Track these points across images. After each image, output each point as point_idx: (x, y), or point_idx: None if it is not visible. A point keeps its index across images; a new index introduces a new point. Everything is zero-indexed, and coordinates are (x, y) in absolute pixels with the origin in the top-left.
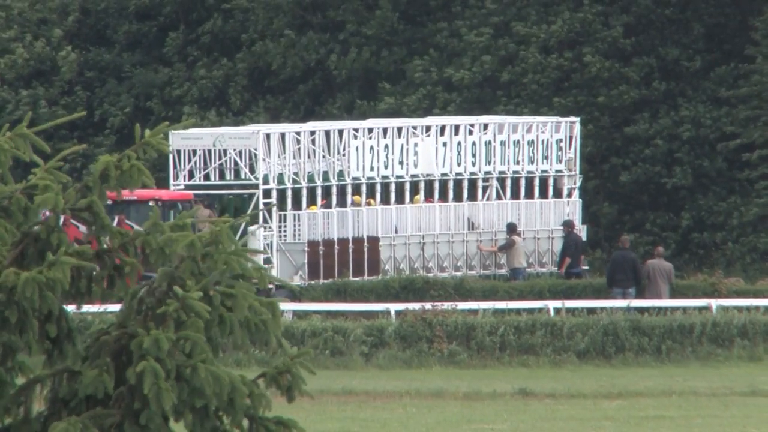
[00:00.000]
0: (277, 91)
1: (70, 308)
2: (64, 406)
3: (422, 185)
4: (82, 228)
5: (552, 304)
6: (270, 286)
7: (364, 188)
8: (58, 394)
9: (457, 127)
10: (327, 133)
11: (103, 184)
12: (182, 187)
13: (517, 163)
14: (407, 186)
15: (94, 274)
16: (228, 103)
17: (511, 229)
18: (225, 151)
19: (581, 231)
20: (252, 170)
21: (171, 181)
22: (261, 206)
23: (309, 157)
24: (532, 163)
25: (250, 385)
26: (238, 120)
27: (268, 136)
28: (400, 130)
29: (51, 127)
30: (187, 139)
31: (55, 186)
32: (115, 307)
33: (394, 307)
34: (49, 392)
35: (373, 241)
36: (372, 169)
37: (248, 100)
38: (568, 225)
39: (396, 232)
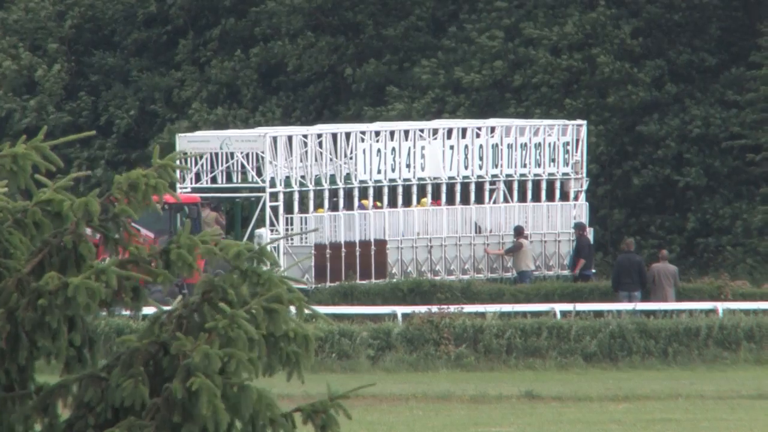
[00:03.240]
0: (288, 89)
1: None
2: (89, 412)
3: (429, 188)
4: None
5: (558, 307)
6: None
7: (371, 191)
8: (83, 399)
9: (464, 130)
10: (334, 136)
11: (129, 197)
12: (189, 190)
13: (524, 166)
14: (414, 189)
15: (123, 285)
16: (238, 99)
17: (518, 232)
18: (232, 153)
19: (589, 233)
20: (259, 173)
21: (178, 184)
22: (268, 209)
23: (316, 160)
24: (539, 166)
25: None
26: (249, 117)
27: (275, 139)
28: (407, 133)
29: (56, 130)
30: (194, 142)
31: (68, 202)
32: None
33: (400, 310)
34: (74, 397)
35: (381, 244)
36: (379, 172)
37: (260, 97)
38: (580, 228)
39: (403, 235)
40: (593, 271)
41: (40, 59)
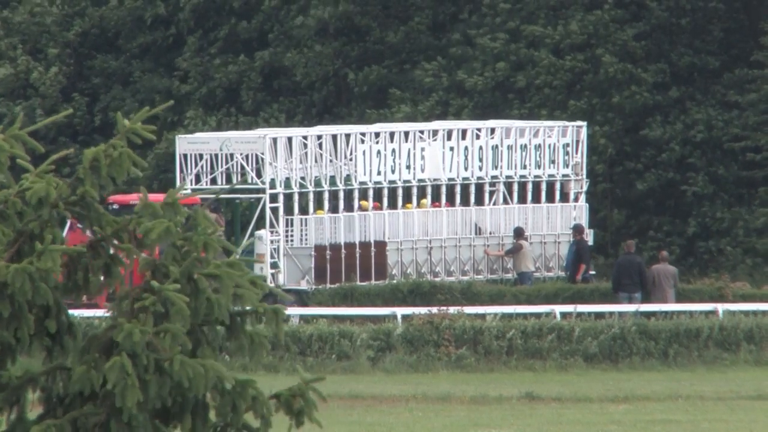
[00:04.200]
0: (290, 93)
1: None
2: (59, 405)
3: (429, 189)
4: (89, 233)
5: (559, 309)
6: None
7: (371, 193)
8: (52, 392)
9: (464, 132)
10: (334, 138)
11: (93, 174)
12: (189, 191)
13: (524, 167)
14: (414, 190)
15: (90, 265)
16: (239, 104)
17: (518, 233)
18: (232, 155)
19: (588, 235)
20: (259, 174)
21: (177, 186)
22: (268, 211)
23: (316, 161)
24: (539, 167)
25: (252, 389)
26: (252, 123)
27: (275, 140)
28: (407, 134)
29: (51, 132)
30: (194, 143)
31: (49, 178)
32: None
33: (400, 311)
34: (42, 391)
35: (381, 245)
36: (379, 173)
37: (261, 101)
38: (578, 230)
39: (403, 236)
40: (592, 273)
41: (37, 63)
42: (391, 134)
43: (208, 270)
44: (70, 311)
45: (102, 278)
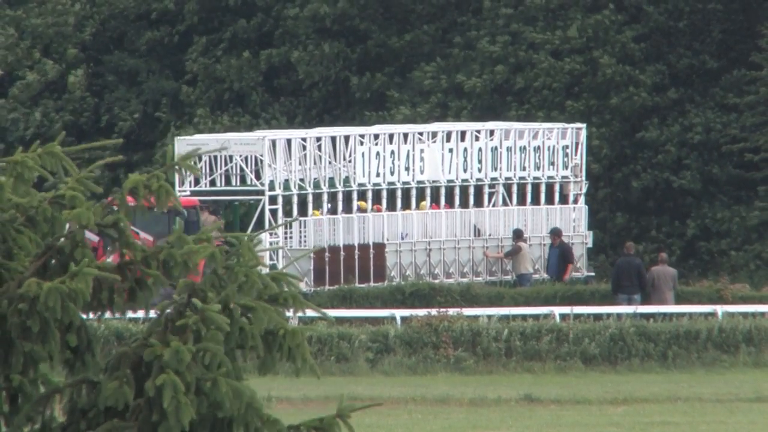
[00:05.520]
0: (290, 94)
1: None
2: (83, 417)
3: (428, 191)
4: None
5: (558, 310)
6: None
7: (370, 194)
8: (77, 404)
9: (463, 133)
10: (333, 139)
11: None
12: (188, 193)
13: (524, 169)
14: (413, 192)
15: (116, 287)
16: (244, 103)
17: (518, 235)
18: (231, 157)
19: (587, 237)
20: (258, 176)
21: (176, 187)
22: (267, 213)
23: (315, 163)
24: (538, 169)
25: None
26: (254, 124)
27: (273, 142)
28: (406, 136)
29: (64, 134)
30: (192, 145)
31: (83, 198)
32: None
33: (399, 313)
34: (68, 403)
35: (379, 247)
36: (378, 175)
37: (264, 101)
38: (557, 234)
39: (402, 238)
40: (591, 274)
41: (56, 64)
42: (390, 136)
43: (244, 302)
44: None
45: (126, 300)
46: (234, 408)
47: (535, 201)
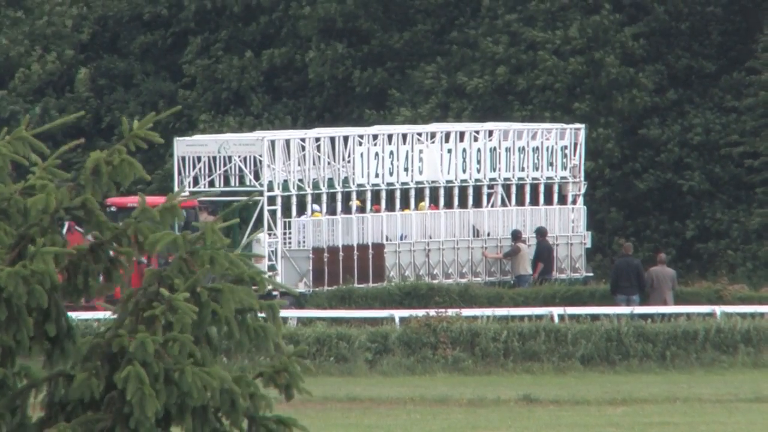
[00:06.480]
0: (290, 95)
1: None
2: (61, 411)
3: (427, 192)
4: (89, 237)
5: (556, 311)
6: (275, 292)
7: (368, 195)
8: (54, 398)
9: (462, 134)
10: (332, 140)
11: (95, 181)
12: (186, 193)
13: (522, 169)
14: (412, 193)
15: (90, 269)
16: (246, 104)
17: (516, 236)
18: (230, 157)
19: (586, 237)
20: (257, 177)
21: (175, 188)
22: (266, 213)
23: (314, 163)
24: (537, 169)
25: (249, 386)
26: (256, 124)
27: (272, 142)
28: (405, 136)
29: (57, 133)
30: (191, 146)
31: (52, 186)
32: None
33: (398, 313)
34: (45, 396)
35: (378, 247)
36: (377, 175)
37: (265, 102)
38: (541, 233)
39: (401, 239)
40: (590, 274)
41: (57, 60)
42: (389, 136)
43: (212, 285)
44: (69, 314)
45: (102, 282)
46: (204, 396)
47: (534, 202)
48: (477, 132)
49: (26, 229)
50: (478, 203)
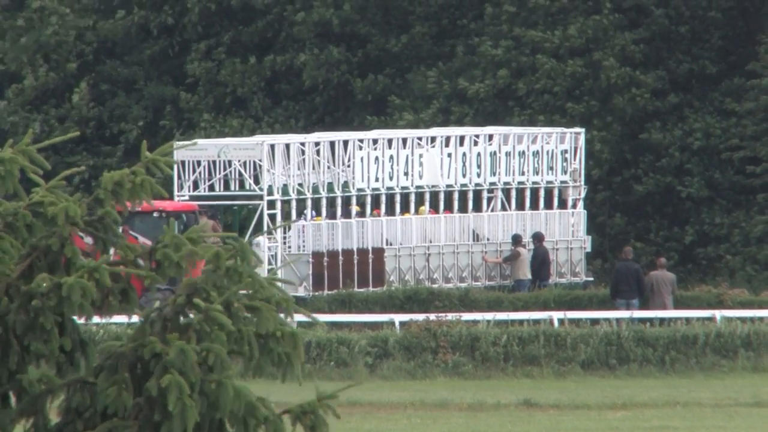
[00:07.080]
0: (290, 99)
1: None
2: (78, 417)
3: (427, 196)
4: (87, 240)
5: (556, 315)
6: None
7: (369, 199)
8: (71, 404)
9: (462, 138)
10: (332, 144)
11: (113, 197)
12: (187, 198)
13: (522, 174)
14: (412, 197)
15: (111, 287)
16: (246, 108)
17: (516, 240)
18: (230, 162)
19: (586, 242)
20: (257, 181)
21: (175, 192)
22: (266, 218)
23: (314, 168)
24: (537, 174)
25: (267, 409)
26: (256, 128)
27: (272, 146)
28: (405, 141)
29: (31, 132)
30: (191, 150)
31: (59, 203)
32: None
33: (398, 318)
34: (62, 402)
35: (378, 252)
36: (377, 180)
37: (266, 106)
38: (537, 238)
39: (401, 243)
40: (590, 279)
41: (52, 72)
42: (389, 141)
43: (249, 302)
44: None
45: (120, 301)
46: (234, 409)
47: (534, 206)
48: (477, 136)
49: (39, 240)
50: (478, 208)
